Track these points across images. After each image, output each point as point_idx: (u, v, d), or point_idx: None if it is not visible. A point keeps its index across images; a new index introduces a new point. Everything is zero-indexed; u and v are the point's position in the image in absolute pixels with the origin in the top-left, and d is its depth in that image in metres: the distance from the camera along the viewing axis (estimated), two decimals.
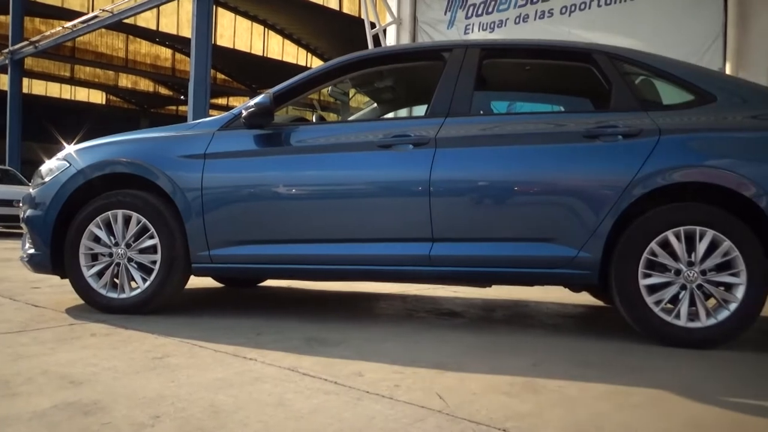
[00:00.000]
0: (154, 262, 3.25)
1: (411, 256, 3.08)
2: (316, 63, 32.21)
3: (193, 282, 3.59)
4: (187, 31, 25.09)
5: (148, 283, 3.24)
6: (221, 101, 35.02)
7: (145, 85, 35.42)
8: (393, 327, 3.20)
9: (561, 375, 2.33)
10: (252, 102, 3.26)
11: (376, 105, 4.47)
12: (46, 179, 3.43)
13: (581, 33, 6.59)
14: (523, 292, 4.51)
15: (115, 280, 3.30)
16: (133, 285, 3.29)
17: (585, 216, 2.93)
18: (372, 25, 8.66)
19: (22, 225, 3.50)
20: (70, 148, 3.56)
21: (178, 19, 29.36)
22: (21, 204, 3.68)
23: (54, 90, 33.78)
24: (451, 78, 3.24)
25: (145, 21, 28.01)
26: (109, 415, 1.77)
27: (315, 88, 3.64)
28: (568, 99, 4.12)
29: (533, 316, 3.72)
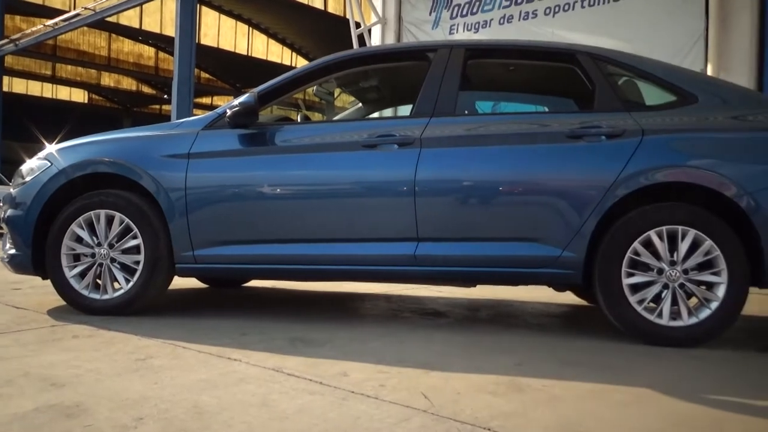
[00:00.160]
0: (137, 263, 3.22)
1: (396, 255, 3.08)
2: (301, 62, 32.12)
3: (177, 282, 3.57)
4: (170, 30, 24.89)
5: (131, 283, 3.21)
6: (205, 100, 34.79)
7: (128, 83, 35.10)
8: (378, 327, 3.20)
9: (545, 374, 2.35)
10: (236, 101, 3.24)
11: (361, 105, 4.46)
12: (27, 179, 3.38)
13: (565, 34, 6.63)
14: (508, 292, 4.53)
15: (97, 280, 3.26)
16: (116, 286, 3.26)
17: (569, 216, 2.95)
18: (357, 24, 8.65)
19: (3, 225, 3.45)
20: (51, 148, 3.51)
21: (162, 17, 29.14)
22: (1, 204, 3.63)
23: (35, 88, 33.36)
24: (436, 78, 3.25)
25: (128, 19, 27.75)
26: (92, 417, 1.76)
27: (300, 88, 3.63)
28: (552, 99, 4.14)
29: (518, 316, 3.74)
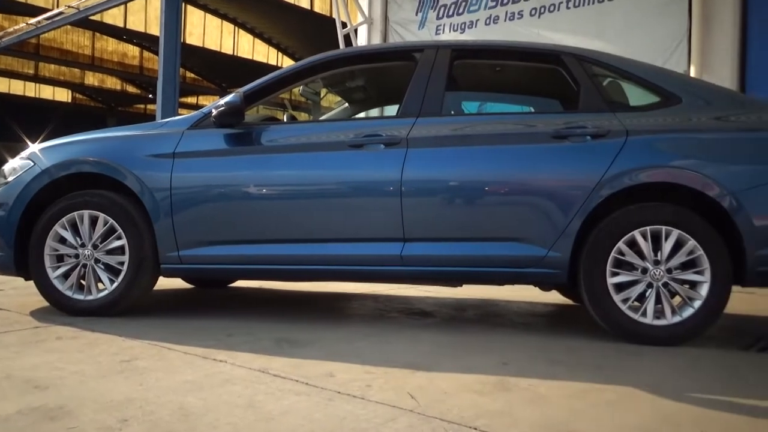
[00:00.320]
0: (121, 263, 3.19)
1: (383, 256, 3.08)
2: (287, 62, 32.02)
3: (162, 283, 3.54)
4: (155, 29, 24.73)
5: (115, 284, 3.19)
6: (191, 100, 34.59)
7: (112, 83, 34.81)
8: (364, 327, 3.19)
9: (531, 373, 2.36)
10: (222, 101, 3.22)
11: (347, 105, 4.46)
12: (10, 179, 3.34)
13: (550, 35, 6.67)
14: (494, 292, 4.54)
15: (81, 281, 3.23)
16: (100, 286, 3.23)
17: (554, 216, 2.96)
18: (343, 24, 8.64)
19: None
20: (34, 147, 3.47)
21: (146, 16, 28.91)
22: None
23: (18, 87, 32.99)
24: (422, 78, 3.25)
25: (112, 18, 27.52)
26: (76, 420, 1.74)
27: (286, 88, 3.62)
28: (538, 100, 4.16)
29: (504, 315, 3.75)
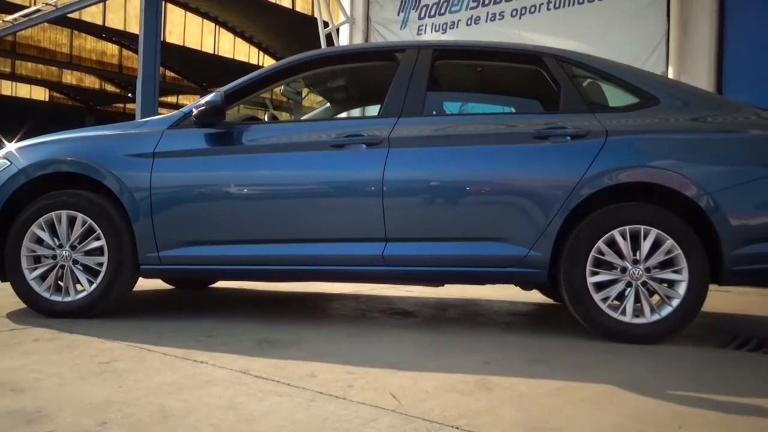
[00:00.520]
0: (100, 264, 3.16)
1: (365, 255, 3.08)
2: (268, 62, 31.85)
3: (141, 284, 3.51)
4: (134, 27, 24.46)
5: (94, 285, 3.15)
6: (171, 99, 34.26)
7: (91, 81, 34.36)
8: (346, 327, 3.19)
9: (513, 372, 2.37)
10: (203, 100, 3.20)
11: (329, 104, 4.45)
12: None
13: (531, 36, 6.71)
14: (475, 291, 4.56)
15: (59, 283, 3.19)
16: (78, 288, 3.20)
17: (535, 216, 2.98)
18: (325, 24, 8.62)
19: None
20: (11, 146, 3.42)
21: (126, 14, 28.57)
22: None
23: None
24: (404, 78, 3.26)
25: (91, 16, 27.16)
26: (54, 423, 1.72)
27: (267, 87, 3.60)
28: (519, 100, 4.19)
29: (485, 315, 3.77)
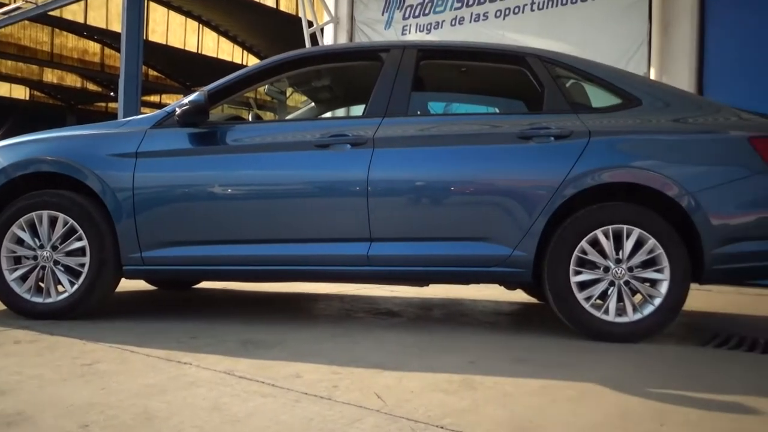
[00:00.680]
0: (82, 265, 3.13)
1: (349, 256, 3.08)
2: (252, 61, 31.70)
3: (124, 285, 3.48)
4: (116, 26, 24.24)
5: (76, 286, 3.12)
6: (154, 99, 33.97)
7: (72, 80, 33.98)
8: (331, 327, 3.19)
9: (497, 372, 2.38)
10: (186, 99, 3.18)
11: (313, 104, 4.44)
12: None
13: (515, 36, 6.73)
14: (460, 291, 4.58)
15: (40, 284, 3.16)
16: (60, 289, 3.16)
17: (519, 215, 3.00)
18: (309, 23, 8.60)
19: None
20: None
21: (108, 12, 28.28)
22: None
23: None
24: (388, 78, 3.26)
25: (72, 14, 26.86)
26: (35, 426, 1.70)
27: (251, 87, 3.59)
28: (503, 101, 4.20)
29: (470, 315, 3.78)
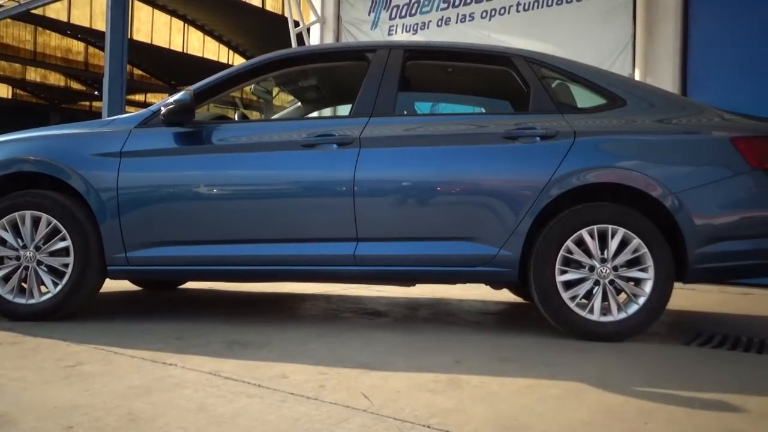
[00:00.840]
0: (66, 266, 3.10)
1: (336, 255, 3.08)
2: (238, 60, 31.57)
3: (108, 285, 3.45)
4: (100, 24, 24.02)
5: (59, 287, 3.09)
6: (138, 98, 33.75)
7: (56, 79, 33.66)
8: (317, 328, 3.18)
9: (483, 371, 2.39)
10: (171, 99, 3.16)
11: (299, 104, 4.43)
12: None
13: (501, 37, 6.76)
14: (446, 291, 4.59)
15: (23, 284, 3.12)
16: (43, 290, 3.13)
17: (505, 215, 3.01)
18: (296, 23, 8.57)
19: None
20: None
21: (92, 11, 28.06)
22: None
23: None
24: (375, 78, 3.26)
25: (55, 12, 26.62)
26: (17, 428, 1.68)
27: (237, 86, 3.58)
28: (489, 101, 4.22)
29: (456, 314, 3.79)
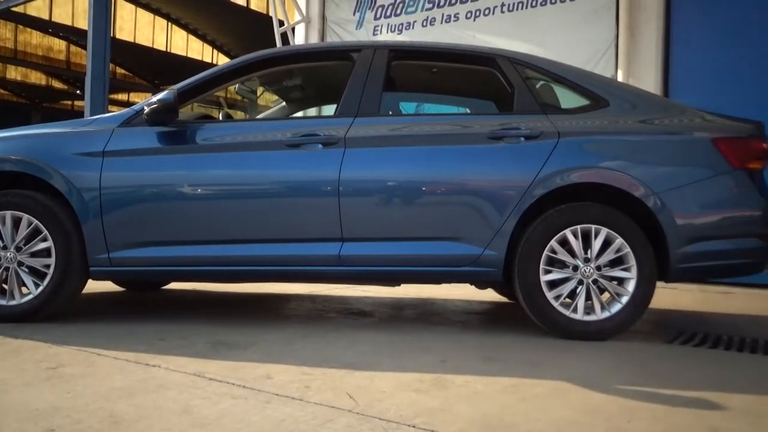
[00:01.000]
0: (47, 266, 3.06)
1: (321, 256, 3.07)
2: (223, 60, 31.41)
3: (91, 286, 3.42)
4: (82, 23, 23.78)
5: (40, 288, 3.06)
6: (121, 97, 33.46)
7: (37, 77, 33.26)
8: (302, 328, 3.17)
9: (468, 370, 2.40)
10: (155, 98, 3.13)
11: (284, 104, 4.42)
12: None
13: (485, 38, 6.78)
14: (431, 291, 4.60)
15: (3, 285, 3.08)
16: (24, 291, 3.09)
17: (490, 215, 3.02)
18: (280, 23, 8.54)
19: None
20: None
21: (73, 9, 27.77)
22: None
23: None
24: (360, 78, 3.26)
25: (36, 10, 26.30)
26: None
27: (222, 86, 3.56)
28: (474, 101, 4.24)
29: (441, 314, 3.80)
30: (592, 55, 6.17)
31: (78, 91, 32.11)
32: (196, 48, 32.48)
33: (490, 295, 4.38)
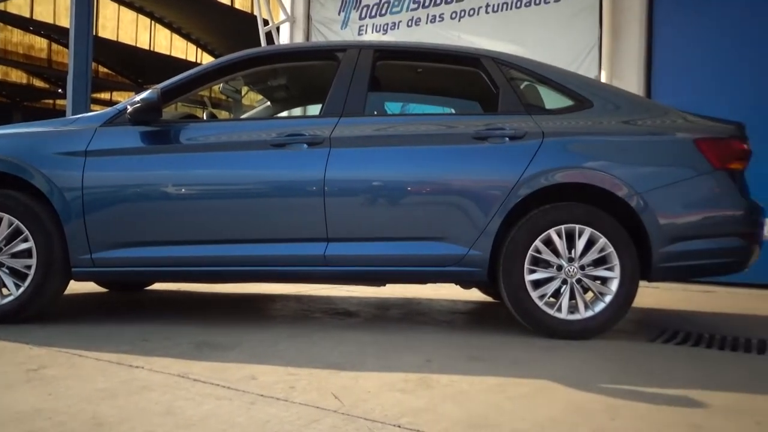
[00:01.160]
0: (28, 267, 3.03)
1: (306, 256, 3.06)
2: (207, 59, 31.26)
3: (73, 287, 3.38)
4: (64, 21, 23.56)
5: (21, 289, 3.02)
6: (104, 96, 33.17)
7: (18, 76, 32.86)
8: (287, 328, 3.16)
9: (453, 370, 2.40)
10: (138, 97, 3.11)
11: (269, 103, 4.40)
12: None
13: (470, 38, 6.81)
14: (416, 290, 4.60)
15: None
16: (4, 292, 3.05)
17: (475, 215, 3.03)
18: (265, 22, 8.51)
19: None
20: None
21: (55, 7, 27.50)
22: None
23: None
24: (345, 78, 3.26)
25: (17, 8, 26.01)
26: None
27: (206, 85, 3.54)
28: (459, 101, 4.25)
29: (426, 314, 3.80)
30: (576, 56, 6.22)
31: (60, 90, 31.78)
32: (179, 47, 32.31)
33: (475, 294, 4.39)
